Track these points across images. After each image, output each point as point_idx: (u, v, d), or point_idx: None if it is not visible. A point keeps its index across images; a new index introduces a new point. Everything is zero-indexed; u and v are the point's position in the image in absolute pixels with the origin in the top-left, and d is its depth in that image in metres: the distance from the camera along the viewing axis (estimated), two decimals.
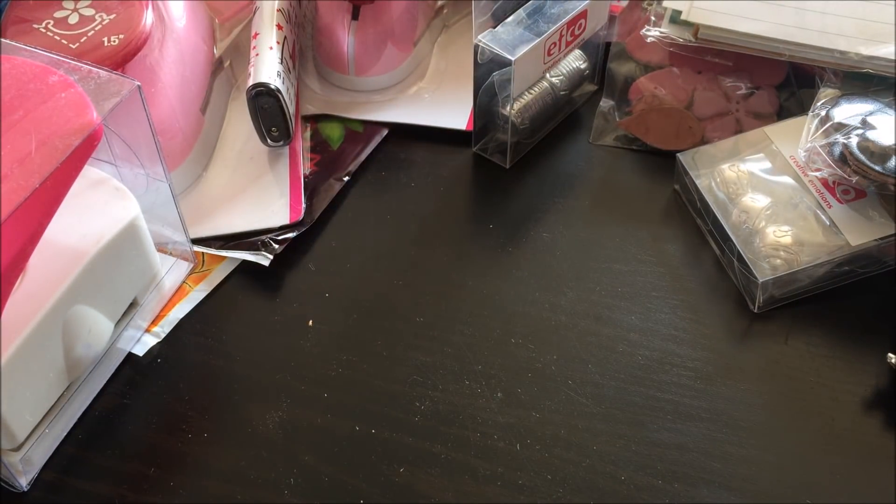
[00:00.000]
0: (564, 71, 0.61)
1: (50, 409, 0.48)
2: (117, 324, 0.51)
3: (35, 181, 0.40)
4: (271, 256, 0.55)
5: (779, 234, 0.52)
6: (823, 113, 0.54)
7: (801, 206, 0.54)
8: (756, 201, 0.54)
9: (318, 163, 0.61)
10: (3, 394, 0.44)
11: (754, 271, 0.52)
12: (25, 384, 0.46)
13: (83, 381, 0.50)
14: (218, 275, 0.55)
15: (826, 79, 0.57)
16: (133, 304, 0.52)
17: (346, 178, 0.60)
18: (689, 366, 0.51)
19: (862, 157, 0.51)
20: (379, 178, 0.61)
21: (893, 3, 0.56)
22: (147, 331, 0.53)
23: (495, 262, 0.56)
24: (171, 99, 0.56)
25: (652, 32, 0.59)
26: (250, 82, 0.57)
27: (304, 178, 0.59)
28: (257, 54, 0.58)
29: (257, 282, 0.55)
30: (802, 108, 0.58)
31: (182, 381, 0.51)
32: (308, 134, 0.62)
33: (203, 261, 0.56)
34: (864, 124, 0.52)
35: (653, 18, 0.59)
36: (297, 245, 0.56)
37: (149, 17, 0.53)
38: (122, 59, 0.52)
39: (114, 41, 0.52)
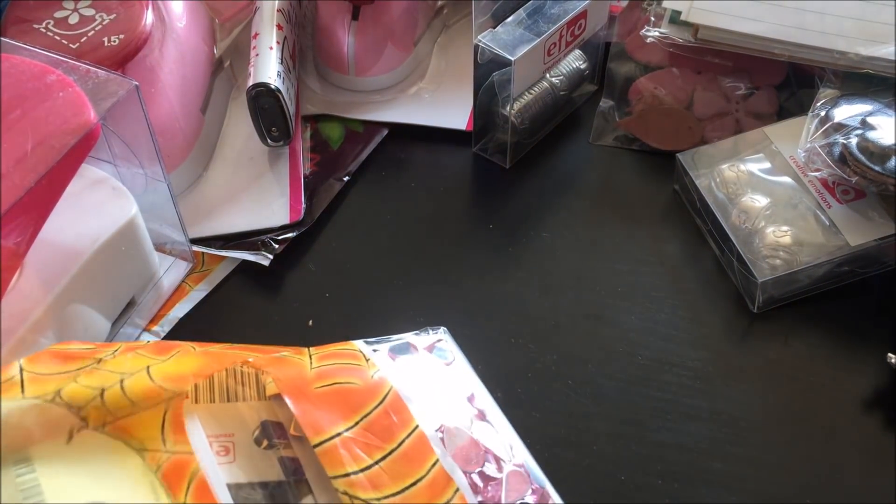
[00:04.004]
0: (564, 71, 0.61)
1: None
2: (114, 323, 0.51)
3: (31, 180, 0.40)
4: (271, 256, 0.55)
5: (778, 234, 0.52)
6: (823, 113, 0.54)
7: (800, 207, 0.54)
8: (755, 201, 0.54)
9: (318, 163, 0.61)
10: None
11: (754, 271, 0.52)
12: None
13: None
14: (218, 275, 0.55)
15: (826, 79, 0.56)
16: (131, 304, 0.52)
17: (346, 178, 0.60)
18: (689, 366, 0.51)
19: (861, 157, 0.51)
20: (379, 178, 0.61)
21: (893, 3, 0.56)
22: (147, 330, 0.53)
23: (495, 262, 0.56)
24: (172, 99, 0.56)
25: (652, 33, 0.59)
26: (250, 82, 0.57)
27: (304, 178, 0.59)
28: (257, 54, 0.58)
29: (257, 282, 0.55)
30: (802, 109, 0.58)
31: None
32: (308, 134, 0.62)
33: (203, 261, 0.56)
34: (864, 125, 0.52)
35: (652, 19, 0.59)
36: (297, 245, 0.56)
37: (149, 18, 0.53)
38: (122, 60, 0.52)
39: (114, 41, 0.52)
